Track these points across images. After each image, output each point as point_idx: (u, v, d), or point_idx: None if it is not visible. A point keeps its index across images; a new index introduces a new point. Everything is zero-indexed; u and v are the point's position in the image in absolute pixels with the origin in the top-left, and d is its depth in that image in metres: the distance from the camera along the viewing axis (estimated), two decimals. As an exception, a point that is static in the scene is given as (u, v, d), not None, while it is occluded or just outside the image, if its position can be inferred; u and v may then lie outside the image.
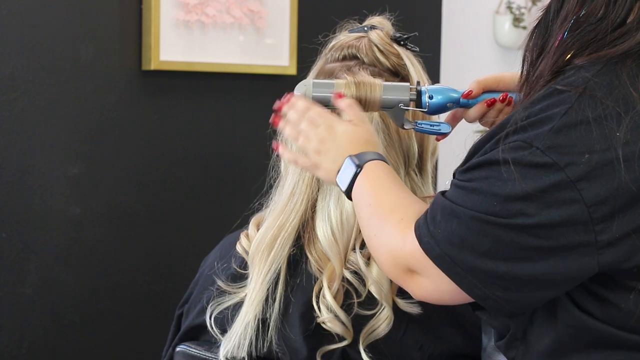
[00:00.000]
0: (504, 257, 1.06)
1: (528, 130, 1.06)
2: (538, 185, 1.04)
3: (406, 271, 1.14)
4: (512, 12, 3.03)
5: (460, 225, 1.07)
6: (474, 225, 1.06)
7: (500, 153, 1.06)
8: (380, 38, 1.45)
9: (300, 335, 1.36)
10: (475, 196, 1.07)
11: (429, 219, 1.11)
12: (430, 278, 1.11)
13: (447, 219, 1.09)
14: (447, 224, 1.09)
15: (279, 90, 2.71)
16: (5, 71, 2.35)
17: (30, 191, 2.40)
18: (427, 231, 1.10)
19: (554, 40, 1.14)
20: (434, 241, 1.09)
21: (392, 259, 1.15)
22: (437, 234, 1.09)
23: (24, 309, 2.40)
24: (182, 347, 1.49)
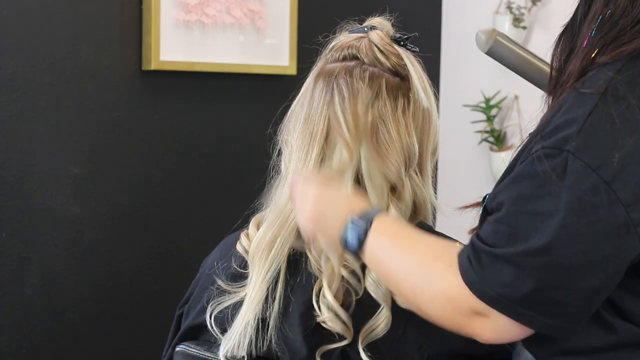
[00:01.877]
0: (556, 285, 1.06)
1: (555, 135, 1.06)
2: (574, 192, 1.04)
3: (471, 314, 1.12)
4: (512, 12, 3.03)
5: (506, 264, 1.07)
6: (519, 262, 1.06)
7: (532, 165, 1.07)
8: (380, 38, 1.45)
9: (300, 334, 1.36)
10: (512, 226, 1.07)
11: (474, 262, 1.10)
12: (498, 318, 1.10)
13: (491, 260, 1.08)
14: (492, 265, 1.08)
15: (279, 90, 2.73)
16: (5, 71, 2.35)
17: (31, 191, 2.40)
18: (475, 275, 1.09)
19: (582, 41, 1.15)
20: (485, 284, 1.08)
21: (452, 306, 1.13)
22: (486, 276, 1.08)
23: (24, 309, 2.40)
24: (182, 346, 1.49)
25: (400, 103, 1.43)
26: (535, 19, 3.06)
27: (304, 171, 1.34)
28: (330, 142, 1.41)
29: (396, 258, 1.18)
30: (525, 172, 1.08)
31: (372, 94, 1.41)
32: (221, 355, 1.40)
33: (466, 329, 1.14)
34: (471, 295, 1.10)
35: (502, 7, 3.08)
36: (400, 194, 1.40)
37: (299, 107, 1.46)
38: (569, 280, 1.05)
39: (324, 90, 1.43)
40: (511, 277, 1.06)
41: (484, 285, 1.08)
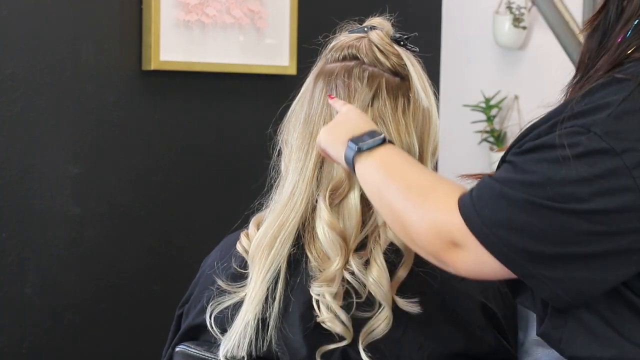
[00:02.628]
0: (553, 241, 1.07)
1: (586, 116, 1.07)
2: (593, 170, 1.05)
3: (449, 244, 1.13)
4: (512, 12, 3.03)
5: (510, 206, 1.08)
6: (525, 208, 1.07)
7: (557, 137, 1.07)
8: (380, 38, 1.45)
9: (300, 334, 1.36)
10: (528, 179, 1.08)
11: (475, 198, 1.11)
12: (475, 253, 1.11)
13: (496, 199, 1.09)
14: (495, 205, 1.09)
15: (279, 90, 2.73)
16: (5, 71, 2.35)
17: (31, 191, 2.40)
18: (474, 210, 1.10)
19: (614, 40, 1.16)
20: (480, 220, 1.10)
21: (435, 231, 1.14)
22: (484, 213, 1.09)
23: (24, 309, 2.40)
24: (182, 347, 1.49)
25: (400, 103, 1.43)
26: (535, 19, 3.05)
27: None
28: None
29: (387, 182, 1.21)
30: (549, 143, 1.08)
31: (371, 94, 1.41)
32: (221, 355, 1.40)
33: (441, 256, 1.15)
34: (458, 227, 1.11)
35: (502, 7, 3.08)
36: (400, 194, 1.40)
37: (299, 107, 1.46)
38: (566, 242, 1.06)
39: (324, 90, 1.43)
40: (511, 218, 1.07)
41: (477, 219, 1.10)
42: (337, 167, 1.40)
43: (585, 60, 1.20)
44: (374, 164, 1.24)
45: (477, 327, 1.38)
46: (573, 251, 1.07)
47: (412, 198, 1.18)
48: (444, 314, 1.36)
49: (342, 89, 1.42)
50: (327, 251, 1.37)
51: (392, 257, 1.37)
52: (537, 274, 1.08)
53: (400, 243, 1.36)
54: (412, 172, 1.21)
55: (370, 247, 1.37)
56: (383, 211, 1.23)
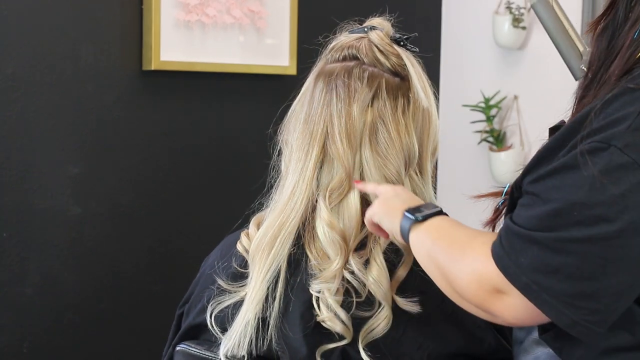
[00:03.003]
0: (589, 275, 1.04)
1: (604, 131, 1.05)
2: (619, 187, 1.03)
3: (493, 292, 1.11)
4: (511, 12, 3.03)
5: (542, 250, 1.06)
6: (556, 247, 1.05)
7: (578, 157, 1.05)
8: (380, 38, 1.46)
9: (300, 333, 1.37)
10: (553, 208, 1.06)
11: (507, 247, 1.09)
12: (519, 298, 1.09)
13: (527, 246, 1.07)
14: (528, 251, 1.07)
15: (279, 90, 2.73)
16: (5, 71, 2.35)
17: (31, 191, 2.40)
18: (509, 260, 1.08)
19: (623, 41, 1.15)
20: (519, 270, 1.07)
21: (477, 280, 1.12)
22: (520, 262, 1.07)
23: (25, 309, 2.41)
24: (182, 346, 1.49)
25: (400, 103, 1.43)
26: (534, 19, 3.06)
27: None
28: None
29: (434, 244, 1.20)
30: (570, 163, 1.06)
31: (371, 94, 1.42)
32: (221, 354, 1.40)
33: (487, 305, 1.13)
34: (498, 273, 1.09)
35: (501, 7, 3.08)
36: (400, 193, 1.41)
37: (299, 107, 1.47)
38: (603, 273, 1.04)
39: (324, 90, 1.44)
40: (545, 262, 1.05)
41: (516, 269, 1.07)
42: (337, 167, 1.40)
43: (596, 61, 1.18)
44: (426, 231, 1.23)
45: (476, 327, 1.38)
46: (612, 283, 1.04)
47: (453, 253, 1.17)
48: (444, 313, 1.37)
49: (342, 89, 1.42)
50: (327, 251, 1.38)
51: (392, 256, 1.37)
52: (579, 320, 1.06)
53: (400, 242, 1.37)
54: (456, 232, 1.20)
55: (370, 246, 1.38)
56: (432, 274, 1.22)
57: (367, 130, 1.40)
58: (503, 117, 3.14)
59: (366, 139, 1.41)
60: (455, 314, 1.37)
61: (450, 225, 1.22)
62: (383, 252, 1.37)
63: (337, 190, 1.40)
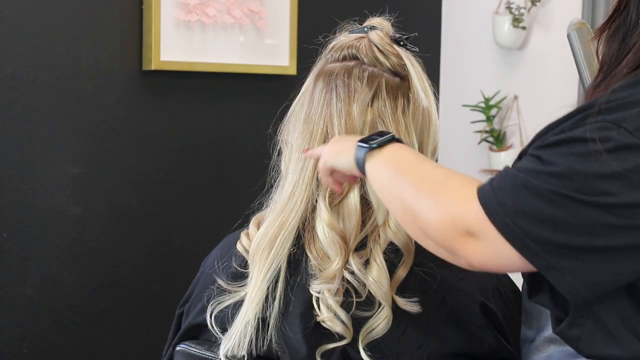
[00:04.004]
0: (577, 231, 1.06)
1: (616, 112, 1.07)
2: (625, 165, 1.04)
3: (464, 234, 1.11)
4: (511, 12, 3.03)
5: (534, 197, 1.07)
6: (550, 198, 1.06)
7: (586, 131, 1.06)
8: (380, 38, 1.46)
9: (300, 334, 1.37)
10: (555, 170, 1.07)
11: (496, 187, 1.10)
12: (492, 243, 1.09)
13: (519, 189, 1.08)
14: (518, 194, 1.08)
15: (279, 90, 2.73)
16: (5, 71, 2.35)
17: (31, 191, 2.40)
18: (495, 199, 1.09)
19: (636, 39, 1.16)
20: (502, 210, 1.08)
21: (450, 221, 1.12)
22: (506, 202, 1.08)
23: (25, 309, 2.41)
24: (182, 346, 1.49)
25: (400, 103, 1.43)
26: (534, 19, 3.06)
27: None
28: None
29: (398, 176, 1.20)
30: (578, 136, 1.07)
31: (371, 94, 1.42)
32: (221, 354, 1.40)
33: (454, 246, 1.13)
34: (476, 215, 1.09)
35: (501, 7, 3.08)
36: (400, 193, 1.41)
37: (299, 107, 1.47)
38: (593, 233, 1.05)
39: (324, 90, 1.44)
40: (535, 208, 1.06)
41: (499, 208, 1.08)
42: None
43: (607, 61, 1.19)
44: (384, 161, 1.23)
45: (476, 327, 1.38)
46: (596, 244, 1.06)
47: (425, 189, 1.16)
48: (444, 313, 1.37)
49: (342, 89, 1.42)
50: (327, 251, 1.38)
51: (391, 256, 1.37)
52: (556, 265, 1.07)
53: (401, 242, 1.37)
54: (424, 166, 1.20)
55: (370, 246, 1.38)
56: (393, 206, 1.22)
57: (367, 130, 1.40)
58: (503, 117, 3.14)
59: (366, 139, 1.41)
60: (456, 314, 1.37)
61: (411, 155, 1.23)
62: (383, 252, 1.37)
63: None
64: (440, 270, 1.38)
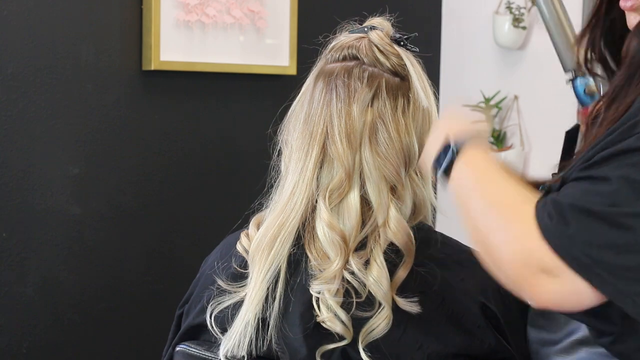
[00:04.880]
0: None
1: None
2: None
3: (538, 272, 1.05)
4: (511, 12, 3.03)
5: (599, 221, 1.01)
6: (614, 220, 1.01)
7: (637, 140, 1.02)
8: (380, 38, 1.46)
9: (300, 334, 1.37)
10: (612, 187, 1.01)
11: (556, 218, 1.04)
12: (567, 281, 1.03)
13: (580, 217, 1.02)
14: (582, 223, 1.02)
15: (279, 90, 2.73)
16: (5, 71, 2.35)
17: (31, 191, 2.40)
18: (559, 232, 1.03)
19: None
20: (570, 242, 1.02)
21: (523, 257, 1.05)
22: (572, 234, 1.02)
23: (24, 309, 2.41)
24: (182, 346, 1.49)
25: (400, 103, 1.43)
26: (535, 19, 3.06)
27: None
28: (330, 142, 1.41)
29: (480, 194, 1.14)
30: (629, 146, 1.02)
31: (371, 94, 1.42)
32: (221, 355, 1.40)
33: (527, 284, 1.06)
34: (547, 250, 1.03)
35: (502, 7, 3.08)
36: (400, 194, 1.41)
37: (299, 107, 1.47)
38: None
39: (324, 90, 1.44)
40: (600, 234, 1.00)
41: (567, 241, 1.02)
42: (337, 167, 1.40)
43: (637, 55, 1.13)
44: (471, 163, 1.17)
45: (477, 327, 1.38)
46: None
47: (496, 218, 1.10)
48: (444, 313, 1.36)
49: (342, 89, 1.42)
50: (327, 251, 1.38)
51: (392, 256, 1.37)
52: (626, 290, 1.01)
53: (401, 243, 1.36)
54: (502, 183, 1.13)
55: (370, 246, 1.37)
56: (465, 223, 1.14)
57: (367, 131, 1.40)
58: (503, 117, 3.14)
59: (366, 139, 1.41)
60: (456, 314, 1.37)
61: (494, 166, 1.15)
62: (383, 252, 1.37)
63: (337, 191, 1.40)
64: (440, 270, 1.38)
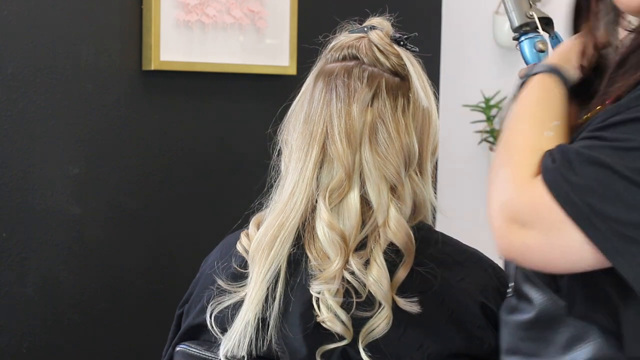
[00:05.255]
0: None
1: None
2: None
3: (513, 222, 1.01)
4: (511, 12, 3.03)
5: (605, 171, 0.96)
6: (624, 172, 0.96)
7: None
8: (380, 38, 1.46)
9: (300, 334, 1.37)
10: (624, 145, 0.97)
11: (561, 163, 0.99)
12: (545, 233, 0.99)
13: (592, 168, 0.97)
14: (586, 170, 0.97)
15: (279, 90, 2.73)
16: (5, 71, 2.35)
17: (31, 191, 2.40)
18: (561, 176, 0.98)
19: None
20: (570, 188, 0.97)
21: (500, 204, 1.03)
22: (573, 180, 0.97)
23: (24, 309, 2.41)
24: (182, 346, 1.49)
25: (400, 103, 1.43)
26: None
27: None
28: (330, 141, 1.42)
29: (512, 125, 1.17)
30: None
31: (371, 94, 1.42)
32: (221, 355, 1.40)
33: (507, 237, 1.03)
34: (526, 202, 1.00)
35: (502, 7, 3.08)
36: (400, 194, 1.41)
37: (298, 107, 1.47)
38: None
39: (324, 90, 1.44)
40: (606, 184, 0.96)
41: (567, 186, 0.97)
42: (336, 167, 1.40)
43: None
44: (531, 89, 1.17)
45: (476, 327, 1.38)
46: None
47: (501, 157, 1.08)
48: (444, 313, 1.37)
49: (342, 89, 1.42)
50: (327, 251, 1.38)
51: (392, 256, 1.37)
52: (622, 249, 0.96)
53: (401, 243, 1.36)
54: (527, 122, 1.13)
55: (370, 246, 1.37)
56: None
57: (367, 130, 1.40)
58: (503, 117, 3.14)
59: (366, 139, 1.41)
60: (456, 314, 1.37)
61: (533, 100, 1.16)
62: (383, 252, 1.37)
63: (337, 191, 1.40)
64: (440, 270, 1.38)
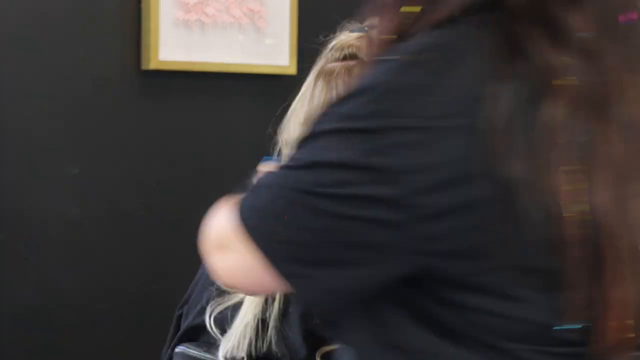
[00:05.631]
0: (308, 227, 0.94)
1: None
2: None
3: (216, 247, 1.10)
4: (512, 11, 3.03)
5: (274, 195, 0.98)
6: (286, 195, 0.97)
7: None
8: (380, 38, 1.45)
9: (300, 335, 1.36)
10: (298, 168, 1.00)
11: (251, 191, 1.05)
12: (238, 253, 1.01)
13: (265, 191, 1.00)
14: (264, 195, 1.00)
15: (279, 90, 2.72)
16: (5, 71, 2.35)
17: (30, 191, 2.40)
18: (248, 203, 1.03)
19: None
20: (251, 212, 1.01)
21: (209, 226, 1.10)
22: (256, 204, 1.01)
23: (24, 309, 2.40)
24: (182, 347, 1.49)
25: (400, 102, 1.42)
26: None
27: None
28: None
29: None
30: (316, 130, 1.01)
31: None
32: (221, 356, 1.40)
33: (211, 259, 1.10)
34: (225, 227, 1.05)
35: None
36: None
37: (299, 107, 1.46)
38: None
39: (324, 89, 1.43)
40: (268, 198, 0.98)
41: (241, 208, 1.01)
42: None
43: None
44: None
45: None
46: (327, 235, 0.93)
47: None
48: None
49: (342, 88, 1.42)
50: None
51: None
52: (295, 271, 0.94)
53: None
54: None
55: (371, 247, 1.37)
56: None
57: (367, 130, 1.40)
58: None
59: (366, 139, 1.40)
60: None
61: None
62: (383, 253, 1.36)
63: (337, 191, 1.39)
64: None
